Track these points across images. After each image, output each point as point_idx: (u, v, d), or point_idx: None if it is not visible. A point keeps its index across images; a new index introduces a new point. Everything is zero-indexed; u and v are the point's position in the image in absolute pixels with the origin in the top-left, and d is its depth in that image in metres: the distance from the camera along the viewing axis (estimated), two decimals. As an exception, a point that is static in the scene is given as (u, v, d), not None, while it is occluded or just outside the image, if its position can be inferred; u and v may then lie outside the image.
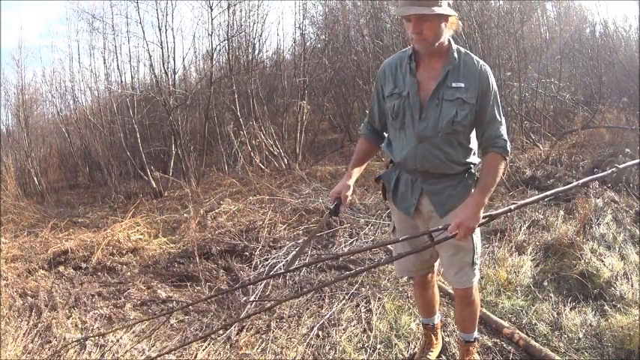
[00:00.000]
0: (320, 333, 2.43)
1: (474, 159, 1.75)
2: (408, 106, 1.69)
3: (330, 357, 2.24)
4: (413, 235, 1.76)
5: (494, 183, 1.65)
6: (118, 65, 7.02)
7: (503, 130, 1.68)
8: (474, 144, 1.74)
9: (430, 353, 2.11)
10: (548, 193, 1.82)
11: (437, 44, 1.61)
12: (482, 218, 1.64)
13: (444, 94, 1.64)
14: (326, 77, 7.62)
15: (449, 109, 1.63)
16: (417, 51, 1.68)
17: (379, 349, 2.26)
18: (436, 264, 2.02)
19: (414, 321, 2.43)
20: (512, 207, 1.70)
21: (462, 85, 1.63)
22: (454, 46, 1.66)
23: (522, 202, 1.78)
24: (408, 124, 1.70)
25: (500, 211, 1.71)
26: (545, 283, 2.69)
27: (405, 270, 2.02)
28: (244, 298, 2.84)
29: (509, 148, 1.68)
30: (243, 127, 6.32)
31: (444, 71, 1.64)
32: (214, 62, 6.87)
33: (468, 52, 1.70)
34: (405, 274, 2.29)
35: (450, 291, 2.62)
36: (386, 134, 1.88)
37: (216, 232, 3.75)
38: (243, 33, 6.75)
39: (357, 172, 1.84)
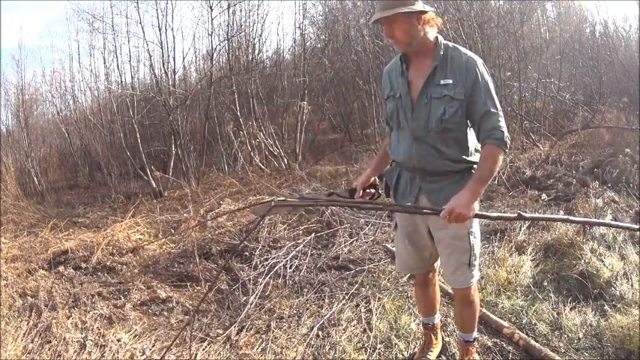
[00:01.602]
0: (320, 333, 2.42)
1: (474, 157, 1.72)
2: (401, 106, 1.72)
3: (330, 357, 2.24)
4: (413, 206, 1.75)
5: (490, 174, 1.63)
6: (118, 65, 7.03)
7: (500, 121, 1.64)
8: (472, 141, 1.71)
9: (430, 353, 2.11)
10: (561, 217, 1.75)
11: (415, 43, 1.63)
12: (478, 216, 1.62)
13: (432, 92, 1.64)
14: (326, 77, 7.63)
15: (437, 107, 1.63)
16: (407, 53, 1.71)
17: (379, 349, 2.26)
18: (437, 263, 2.02)
19: (414, 321, 2.43)
20: (514, 215, 1.61)
21: (450, 81, 1.62)
22: (441, 43, 1.67)
23: (530, 215, 1.69)
24: (403, 124, 1.72)
25: (502, 215, 1.66)
26: (545, 283, 2.69)
27: (405, 267, 2.03)
28: (244, 298, 2.85)
29: (506, 140, 1.63)
30: (243, 127, 6.32)
31: (432, 67, 1.65)
32: (214, 62, 6.88)
33: (457, 46, 1.69)
34: (406, 271, 2.29)
35: (450, 291, 2.62)
36: None
37: (216, 232, 3.75)
38: (243, 33, 6.76)
39: (375, 167, 1.94)
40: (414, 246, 1.90)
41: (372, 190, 1.90)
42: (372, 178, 1.91)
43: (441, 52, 1.65)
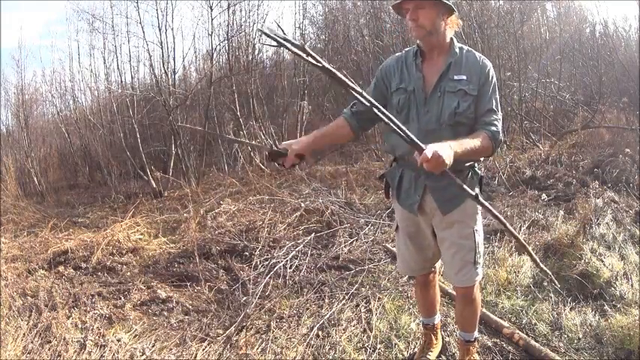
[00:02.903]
0: (320, 333, 2.42)
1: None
2: (413, 100, 1.70)
3: (330, 357, 2.24)
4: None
5: (472, 149, 1.57)
6: (118, 65, 7.03)
7: (499, 120, 1.68)
8: None
9: (430, 353, 2.11)
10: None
11: (435, 35, 1.63)
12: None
13: (446, 86, 1.66)
14: (326, 77, 7.61)
15: (451, 100, 1.65)
16: (422, 49, 1.71)
17: (379, 349, 2.26)
18: (438, 264, 2.02)
19: (414, 321, 2.43)
20: (472, 194, 1.48)
21: (464, 77, 1.65)
22: (456, 44, 1.70)
23: (482, 201, 1.53)
24: (413, 118, 1.71)
25: (465, 188, 1.57)
26: (545, 283, 2.69)
27: (407, 268, 2.02)
28: (244, 298, 2.85)
29: (499, 138, 1.66)
30: (243, 127, 6.32)
31: (446, 64, 1.67)
32: (214, 62, 6.88)
33: (471, 49, 1.73)
34: (408, 272, 2.28)
35: (450, 291, 2.62)
36: (363, 125, 1.83)
37: (216, 232, 3.75)
38: (243, 33, 6.76)
39: (315, 139, 1.77)
40: (416, 246, 1.90)
41: (297, 160, 1.71)
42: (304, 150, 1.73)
43: (457, 51, 1.68)
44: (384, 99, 1.78)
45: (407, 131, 1.43)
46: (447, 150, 1.45)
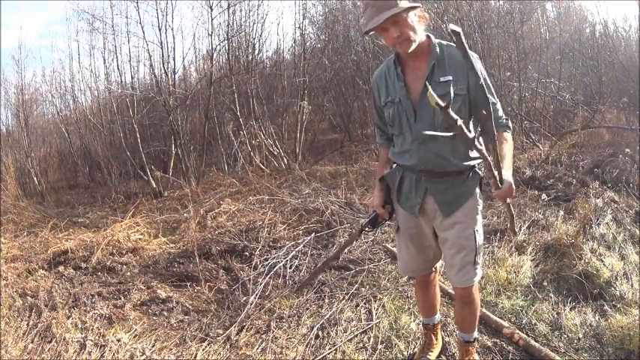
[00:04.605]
0: (320, 333, 2.42)
1: (477, 154, 1.72)
2: (402, 111, 1.70)
3: (330, 357, 2.24)
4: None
5: (512, 155, 1.71)
6: (118, 65, 7.03)
7: (500, 109, 1.73)
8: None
9: (430, 353, 2.11)
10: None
11: (417, 39, 1.61)
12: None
13: (434, 90, 1.63)
14: (326, 77, 7.62)
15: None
16: (400, 55, 1.70)
17: (379, 349, 2.26)
18: (438, 264, 2.02)
19: (414, 321, 2.43)
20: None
21: (450, 77, 1.62)
22: (435, 41, 1.67)
23: None
24: (405, 128, 1.71)
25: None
26: (545, 283, 2.69)
27: (408, 269, 2.02)
28: (244, 298, 2.85)
29: (510, 125, 1.75)
30: (243, 127, 6.32)
31: (429, 67, 1.64)
32: (214, 62, 6.87)
33: (450, 43, 1.68)
34: (409, 273, 2.28)
35: (450, 291, 2.62)
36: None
37: (216, 232, 3.75)
38: (243, 33, 6.75)
39: (381, 183, 1.91)
40: (417, 247, 1.89)
41: (389, 206, 1.92)
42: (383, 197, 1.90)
43: (437, 50, 1.65)
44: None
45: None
46: (512, 179, 1.60)
